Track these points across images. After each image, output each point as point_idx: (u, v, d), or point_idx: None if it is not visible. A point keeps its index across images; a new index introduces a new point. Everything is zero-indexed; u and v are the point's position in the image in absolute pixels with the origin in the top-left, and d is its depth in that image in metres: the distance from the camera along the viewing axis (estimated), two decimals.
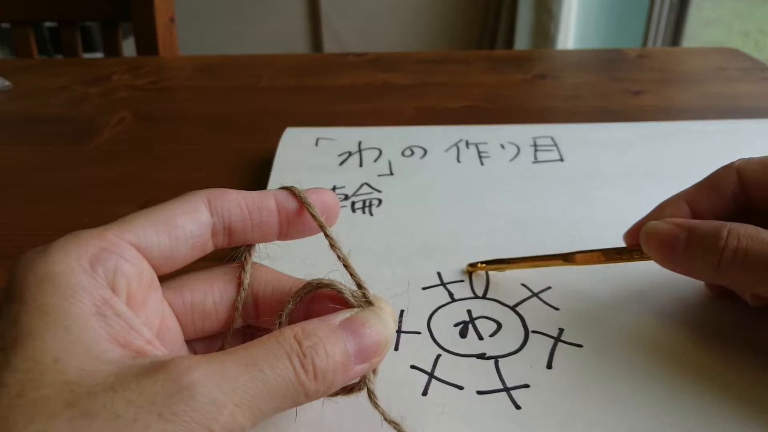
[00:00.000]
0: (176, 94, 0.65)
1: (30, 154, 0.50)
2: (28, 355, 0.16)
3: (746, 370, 0.26)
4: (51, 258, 0.18)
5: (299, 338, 0.18)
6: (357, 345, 0.19)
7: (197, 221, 0.21)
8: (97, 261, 0.18)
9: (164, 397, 0.16)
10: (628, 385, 0.25)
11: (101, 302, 0.17)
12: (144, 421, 0.15)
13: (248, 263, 0.23)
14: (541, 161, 0.44)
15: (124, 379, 0.16)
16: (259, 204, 0.22)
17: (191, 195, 0.21)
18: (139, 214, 0.20)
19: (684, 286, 0.31)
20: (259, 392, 0.17)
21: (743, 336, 0.28)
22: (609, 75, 0.66)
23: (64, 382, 0.16)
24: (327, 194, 0.23)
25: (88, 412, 0.15)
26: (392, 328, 0.21)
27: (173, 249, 0.20)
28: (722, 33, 2.13)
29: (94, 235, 0.19)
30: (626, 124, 0.50)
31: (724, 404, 0.24)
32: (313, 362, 0.18)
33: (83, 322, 0.17)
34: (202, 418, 0.16)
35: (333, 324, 0.19)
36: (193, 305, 0.22)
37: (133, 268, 0.19)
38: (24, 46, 0.91)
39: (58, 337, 0.16)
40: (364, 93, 0.63)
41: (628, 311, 0.29)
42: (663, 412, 0.24)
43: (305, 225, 0.23)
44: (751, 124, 0.50)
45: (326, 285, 0.22)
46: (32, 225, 0.40)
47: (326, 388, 0.19)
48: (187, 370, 0.16)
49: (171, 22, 0.92)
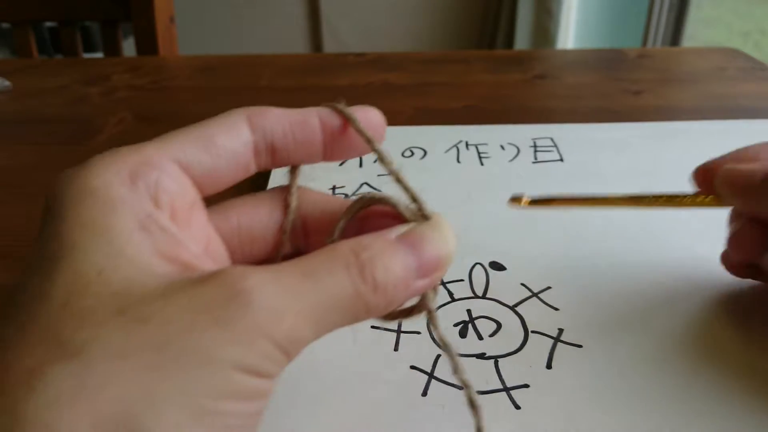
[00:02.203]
0: (176, 94, 0.65)
1: (30, 154, 0.50)
2: (72, 268, 0.15)
3: (750, 368, 0.26)
4: (89, 173, 0.17)
5: (356, 250, 0.17)
6: (417, 259, 0.18)
7: (238, 139, 0.20)
8: (137, 175, 0.17)
9: (220, 303, 0.15)
10: (627, 385, 0.25)
11: (144, 216, 0.17)
12: (200, 326, 0.15)
13: (294, 185, 0.22)
14: (540, 161, 0.44)
15: (175, 288, 0.15)
16: (302, 121, 0.21)
17: (231, 113, 0.20)
18: (177, 132, 0.19)
19: (684, 286, 0.31)
20: (319, 302, 0.16)
21: (746, 335, 0.28)
22: (609, 75, 0.66)
23: (111, 294, 0.15)
24: (371, 111, 0.22)
25: (139, 318, 0.14)
26: (453, 242, 0.19)
27: (215, 167, 0.19)
28: (722, 33, 2.13)
29: (133, 150, 0.18)
30: (626, 124, 0.50)
31: (725, 404, 0.24)
32: (372, 274, 0.17)
33: (126, 235, 0.16)
34: (261, 325, 0.15)
35: (390, 238, 0.18)
36: (240, 229, 0.21)
37: (176, 185, 0.18)
38: (24, 46, 0.91)
39: (101, 251, 0.16)
40: (364, 93, 0.63)
41: (628, 312, 0.29)
42: (663, 412, 0.24)
43: (350, 143, 0.21)
44: (751, 124, 0.50)
45: (379, 200, 0.20)
46: (32, 225, 0.40)
47: (387, 304, 0.18)
48: (242, 277, 0.15)
49: (171, 22, 0.92)
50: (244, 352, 0.15)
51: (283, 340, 0.15)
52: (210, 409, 0.14)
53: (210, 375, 0.14)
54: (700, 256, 0.33)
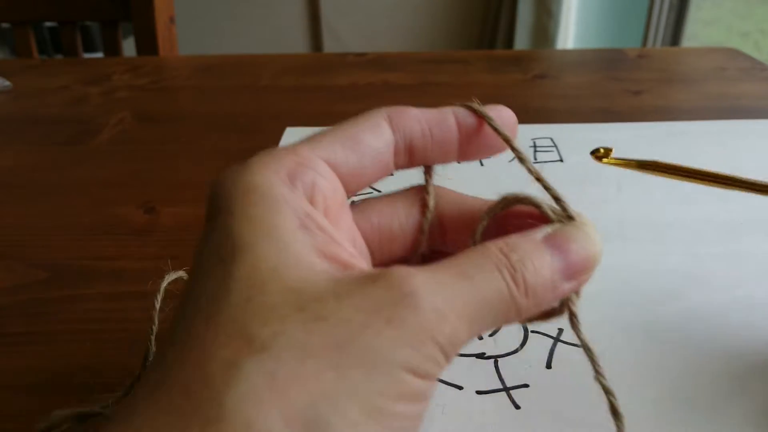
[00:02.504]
0: (176, 94, 0.65)
1: (30, 154, 0.50)
2: (248, 264, 0.16)
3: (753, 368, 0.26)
4: (253, 171, 0.18)
5: (505, 252, 0.17)
6: (564, 261, 0.18)
7: (381, 138, 0.20)
8: (295, 175, 0.18)
9: (390, 304, 0.15)
10: (628, 385, 0.25)
11: (304, 215, 0.17)
12: (374, 326, 0.15)
13: (430, 184, 0.22)
14: (540, 162, 0.44)
15: (344, 287, 0.16)
16: (439, 121, 0.21)
17: (372, 112, 0.21)
18: (325, 132, 0.20)
19: (684, 287, 0.31)
20: (476, 304, 0.16)
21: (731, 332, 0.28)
22: (609, 75, 0.66)
23: (288, 289, 0.15)
24: (505, 111, 0.22)
25: (319, 315, 0.15)
26: (599, 244, 0.19)
27: (361, 166, 0.20)
28: (722, 33, 2.13)
29: (288, 150, 0.19)
30: (626, 125, 0.50)
31: (725, 404, 0.24)
32: (523, 276, 0.17)
33: (291, 233, 0.17)
34: (429, 328, 0.15)
35: (537, 239, 0.18)
36: (381, 228, 0.22)
37: (329, 184, 0.19)
38: (24, 46, 0.91)
39: (273, 248, 0.16)
40: (364, 93, 0.63)
41: (628, 312, 0.29)
42: (663, 412, 0.24)
43: (485, 143, 0.22)
44: (751, 124, 0.50)
45: (522, 200, 0.20)
46: (32, 225, 0.40)
47: (535, 306, 0.18)
48: (408, 278, 0.16)
49: (171, 22, 0.92)
50: (413, 353, 0.15)
51: (445, 342, 0.16)
52: (384, 409, 0.15)
53: (385, 375, 0.15)
54: (698, 253, 0.33)
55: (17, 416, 0.26)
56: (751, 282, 0.31)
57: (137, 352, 0.27)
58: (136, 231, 0.39)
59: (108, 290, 0.33)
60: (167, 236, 0.38)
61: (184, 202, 0.42)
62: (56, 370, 0.28)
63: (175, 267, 0.25)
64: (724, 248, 0.34)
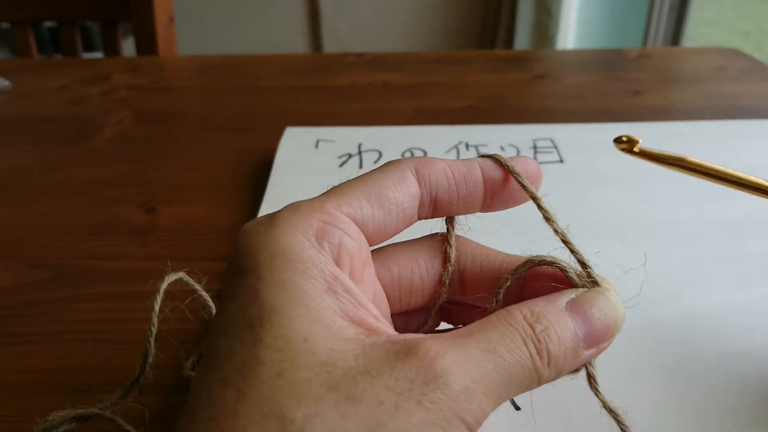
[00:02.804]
0: (176, 94, 0.65)
1: (30, 154, 0.50)
2: (279, 334, 0.16)
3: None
4: (279, 231, 0.17)
5: (530, 322, 0.18)
6: (586, 329, 0.18)
7: (407, 192, 0.20)
8: (322, 236, 0.18)
9: (420, 385, 0.15)
10: (628, 386, 0.25)
11: (331, 278, 0.17)
12: (406, 408, 0.15)
13: (452, 236, 0.22)
14: (540, 163, 0.44)
15: (375, 363, 0.16)
16: (466, 174, 0.21)
17: (399, 163, 0.20)
18: (351, 185, 0.20)
19: (684, 287, 0.31)
20: (502, 380, 0.17)
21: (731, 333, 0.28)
22: (609, 75, 0.66)
23: (320, 363, 0.15)
24: (531, 163, 0.22)
25: (351, 396, 0.15)
26: (622, 312, 0.19)
27: (386, 222, 0.20)
28: (722, 33, 2.13)
29: (315, 207, 0.18)
30: (626, 125, 0.50)
31: (724, 404, 0.24)
32: (547, 348, 0.17)
33: (319, 299, 0.16)
34: (457, 408, 0.16)
35: (561, 305, 0.18)
36: (401, 280, 0.22)
37: (355, 244, 0.18)
38: (24, 46, 0.91)
39: (302, 315, 0.16)
40: (364, 93, 0.63)
41: (628, 312, 0.29)
42: (663, 412, 0.24)
43: (510, 196, 0.22)
44: (751, 124, 0.50)
45: (549, 262, 0.20)
46: (32, 225, 0.40)
47: (557, 374, 0.18)
48: (438, 357, 0.16)
49: (171, 22, 0.92)
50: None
51: (471, 419, 0.16)
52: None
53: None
54: (698, 253, 0.33)
55: (17, 416, 0.26)
56: (752, 282, 0.31)
57: (137, 352, 0.27)
58: (136, 231, 0.39)
59: (108, 290, 0.33)
60: (167, 236, 0.38)
61: (184, 202, 0.42)
62: (56, 370, 0.28)
63: (176, 268, 0.24)
64: (725, 248, 0.34)
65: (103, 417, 0.23)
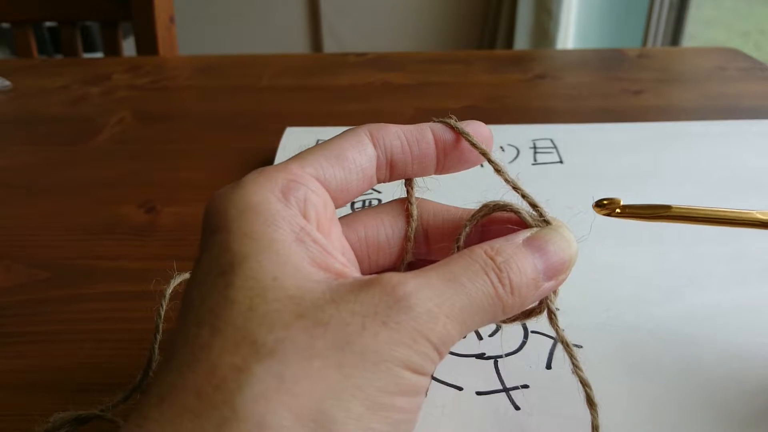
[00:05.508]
0: (176, 94, 0.65)
1: (30, 154, 0.50)
2: (248, 275, 0.17)
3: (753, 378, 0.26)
4: (247, 190, 0.18)
5: (491, 255, 0.19)
6: (544, 262, 0.20)
7: (365, 153, 0.21)
8: (288, 191, 0.19)
9: (384, 308, 0.16)
10: (627, 386, 0.25)
11: (299, 229, 0.18)
12: (371, 329, 0.16)
13: (412, 195, 0.23)
14: (540, 163, 0.44)
15: (341, 294, 0.17)
16: (418, 136, 0.22)
17: (354, 129, 0.22)
18: (313, 150, 0.21)
19: (684, 287, 0.31)
20: (464, 305, 0.18)
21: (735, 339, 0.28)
22: (609, 75, 0.66)
23: (288, 297, 0.16)
24: (481, 126, 0.23)
25: (320, 321, 0.16)
26: (575, 246, 0.21)
27: (347, 181, 0.21)
28: (722, 33, 2.13)
29: (279, 169, 0.19)
30: (625, 125, 0.50)
31: (723, 404, 0.24)
32: (509, 277, 0.19)
33: (287, 246, 0.17)
34: (421, 328, 0.17)
35: (518, 242, 0.20)
36: (368, 240, 0.23)
37: (319, 199, 0.20)
38: (24, 46, 0.91)
39: (271, 260, 0.17)
40: (364, 93, 0.63)
41: (628, 312, 0.29)
42: (663, 413, 0.24)
43: (462, 157, 0.23)
44: (751, 124, 0.50)
45: (503, 207, 0.22)
46: (32, 225, 0.40)
47: (520, 304, 0.19)
48: (400, 284, 0.17)
49: (171, 22, 0.92)
50: (409, 351, 0.16)
51: (437, 340, 0.17)
52: (384, 403, 0.16)
53: (384, 373, 0.16)
54: (698, 253, 0.33)
55: (17, 416, 0.26)
56: (752, 282, 0.31)
57: (137, 352, 0.27)
58: (136, 231, 0.39)
59: (108, 290, 0.33)
60: (167, 236, 0.38)
61: (184, 202, 0.42)
62: (56, 370, 0.28)
63: (177, 268, 0.24)
64: (724, 248, 0.34)
65: (104, 419, 0.23)
